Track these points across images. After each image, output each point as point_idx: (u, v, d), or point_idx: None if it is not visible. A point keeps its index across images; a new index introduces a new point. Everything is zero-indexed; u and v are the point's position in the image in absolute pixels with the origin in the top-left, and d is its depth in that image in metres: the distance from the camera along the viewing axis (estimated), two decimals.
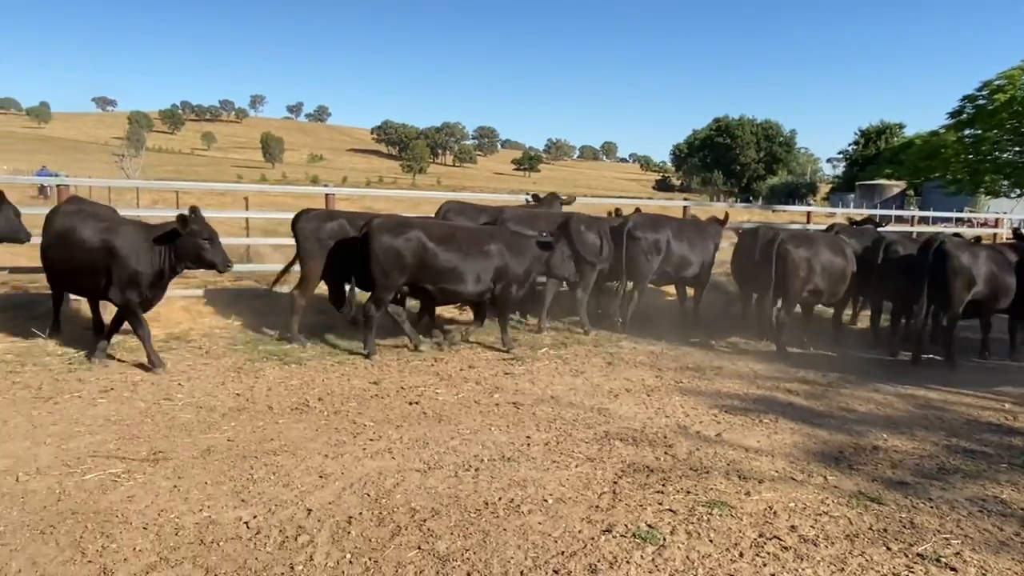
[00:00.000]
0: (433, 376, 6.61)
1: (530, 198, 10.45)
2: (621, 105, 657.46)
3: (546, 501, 4.04)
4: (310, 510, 3.85)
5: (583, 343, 8.15)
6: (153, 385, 5.98)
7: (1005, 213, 31.10)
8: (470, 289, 7.29)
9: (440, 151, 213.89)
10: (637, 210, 9.76)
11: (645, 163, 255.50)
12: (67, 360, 6.55)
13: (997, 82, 25.43)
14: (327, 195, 9.65)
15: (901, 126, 73.29)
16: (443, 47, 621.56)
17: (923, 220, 23.27)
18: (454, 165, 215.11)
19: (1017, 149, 26.69)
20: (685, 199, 18.39)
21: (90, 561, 3.30)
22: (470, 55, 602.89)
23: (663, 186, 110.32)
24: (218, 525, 3.67)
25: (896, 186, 52.98)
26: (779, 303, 7.73)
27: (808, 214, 15.60)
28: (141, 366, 6.45)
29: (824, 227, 10.72)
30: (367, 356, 7.09)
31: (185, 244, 6.30)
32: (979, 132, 26.17)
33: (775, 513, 4.01)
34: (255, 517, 3.75)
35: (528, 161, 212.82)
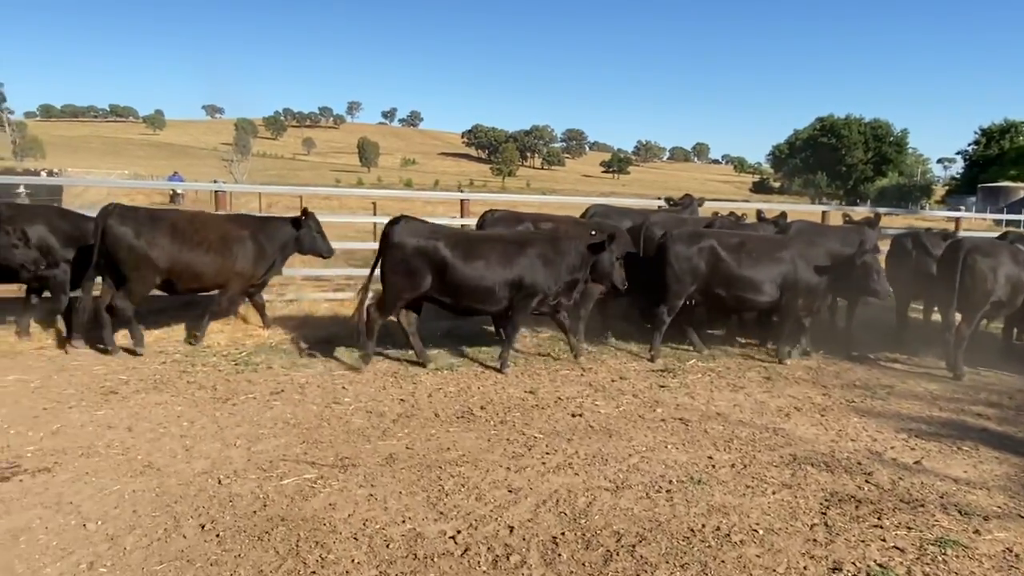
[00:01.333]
0: (586, 387, 6.45)
1: (664, 201, 10.15)
2: (714, 105, 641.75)
3: (756, 531, 3.80)
4: (511, 527, 3.76)
5: (730, 355, 7.80)
6: (319, 388, 6.09)
7: None
8: (763, 298, 7.35)
9: (529, 154, 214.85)
10: (783, 214, 9.27)
11: (739, 165, 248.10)
12: (232, 361, 6.77)
13: None
14: (462, 200, 9.67)
15: None
16: (532, 50, 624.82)
17: None
18: (542, 168, 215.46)
19: None
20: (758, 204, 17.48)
21: (313, 572, 3.30)
22: (559, 58, 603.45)
23: (761, 188, 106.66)
24: (425, 539, 3.62)
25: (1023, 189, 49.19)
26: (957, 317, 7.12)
27: (957, 220, 14.47)
28: (295, 366, 6.60)
29: (997, 235, 9.86)
30: (651, 360, 7.37)
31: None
32: None
33: (1017, 556, 3.62)
34: (459, 532, 3.69)
35: (617, 163, 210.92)
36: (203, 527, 3.65)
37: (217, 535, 3.58)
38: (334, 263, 8.95)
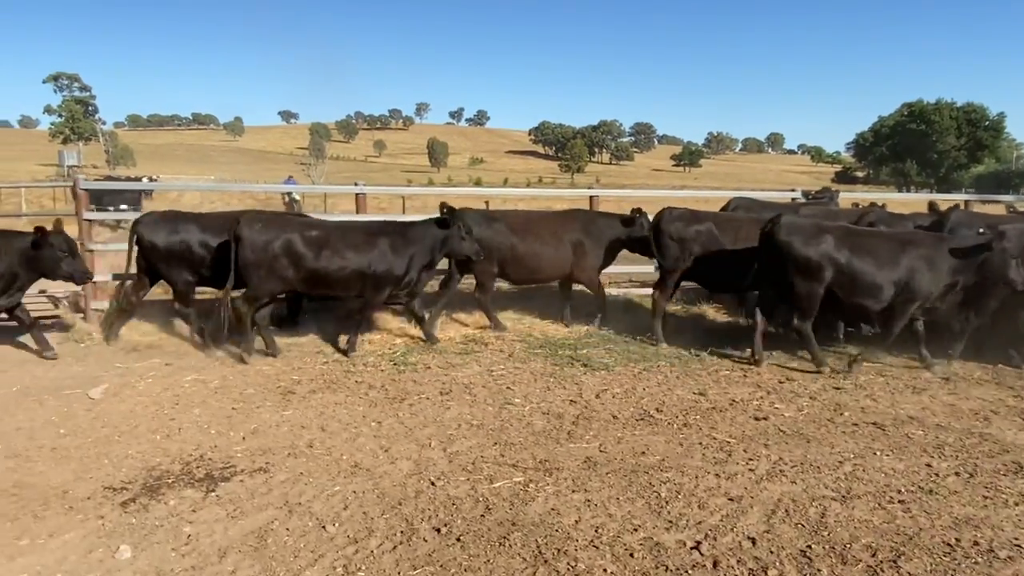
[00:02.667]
0: (755, 388, 6.21)
1: (800, 194, 9.75)
2: (788, 94, 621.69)
3: (1019, 546, 3.51)
4: (752, 539, 3.58)
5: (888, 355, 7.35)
6: (485, 389, 6.05)
7: None
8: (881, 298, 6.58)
9: (596, 149, 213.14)
10: (956, 207, 8.66)
11: (816, 154, 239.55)
12: (390, 361, 6.82)
13: None
14: (591, 197, 9.53)
15: None
16: (597, 45, 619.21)
17: None
18: (610, 163, 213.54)
19: None
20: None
21: None
22: (624, 51, 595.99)
23: (845, 178, 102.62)
24: (665, 549, 3.49)
25: None
26: None
27: None
28: (451, 366, 6.60)
29: None
30: (755, 363, 6.92)
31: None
32: None
33: None
34: (699, 543, 3.54)
35: (688, 156, 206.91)
36: (439, 530, 3.62)
37: (457, 539, 3.54)
38: None
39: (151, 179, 39.04)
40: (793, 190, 10.12)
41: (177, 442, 4.79)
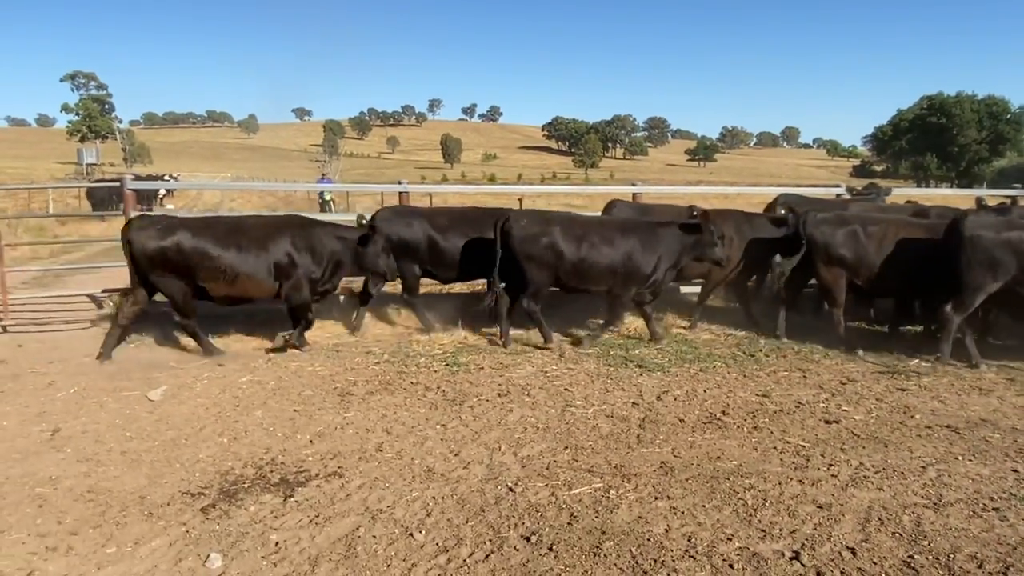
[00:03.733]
0: (818, 389, 6.09)
1: (844, 191, 9.59)
2: (803, 87, 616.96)
3: None
4: (852, 549, 3.48)
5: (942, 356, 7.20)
6: (543, 390, 5.97)
7: None
8: None
9: (610, 144, 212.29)
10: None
11: (832, 148, 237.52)
12: (442, 362, 6.75)
13: None
14: (634, 194, 9.42)
15: None
16: (610, 39, 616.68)
17: None
18: (624, 158, 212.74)
19: None
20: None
21: None
22: (637, 45, 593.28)
23: (863, 172, 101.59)
24: (764, 560, 3.39)
25: None
26: None
27: None
28: (504, 367, 6.53)
29: None
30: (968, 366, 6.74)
31: None
32: None
33: None
34: (797, 554, 3.44)
35: (703, 150, 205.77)
36: (528, 539, 3.55)
37: (550, 548, 3.46)
38: None
39: (172, 177, 39.28)
40: (838, 186, 9.97)
41: (245, 445, 4.74)
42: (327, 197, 26.69)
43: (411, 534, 3.59)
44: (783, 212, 8.04)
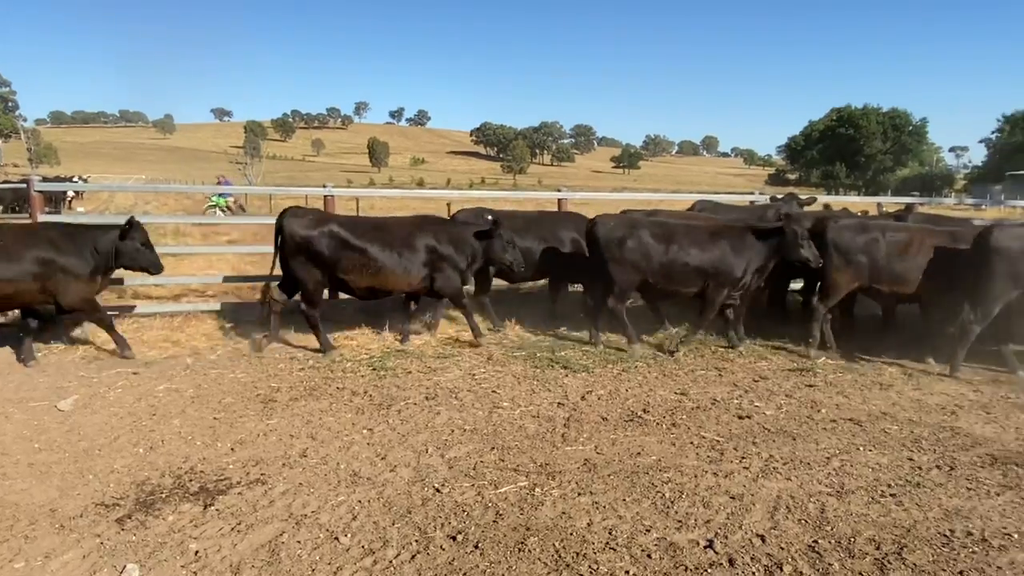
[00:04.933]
0: (732, 387, 6.36)
1: (758, 197, 10.03)
2: (722, 98, 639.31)
3: (1010, 535, 3.71)
4: (761, 536, 3.67)
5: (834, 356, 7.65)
6: (470, 392, 6.02)
7: None
8: None
9: (538, 151, 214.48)
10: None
11: (749, 157, 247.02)
12: (369, 367, 6.72)
13: None
14: (559, 200, 9.59)
15: None
16: (538, 46, 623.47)
17: None
18: (552, 164, 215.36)
19: None
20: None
21: None
22: (565, 52, 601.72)
23: (777, 180, 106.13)
24: (680, 549, 3.54)
25: None
26: None
27: None
28: (432, 370, 6.56)
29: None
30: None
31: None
32: None
33: None
34: (710, 542, 3.61)
35: (627, 158, 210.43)
36: (454, 538, 3.59)
37: (475, 546, 3.51)
38: None
39: (83, 179, 37.34)
40: (751, 193, 10.42)
41: (163, 454, 4.60)
42: (218, 202, 22.90)
43: (336, 538, 3.58)
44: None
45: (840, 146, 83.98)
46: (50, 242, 6.44)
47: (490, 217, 7.79)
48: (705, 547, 3.57)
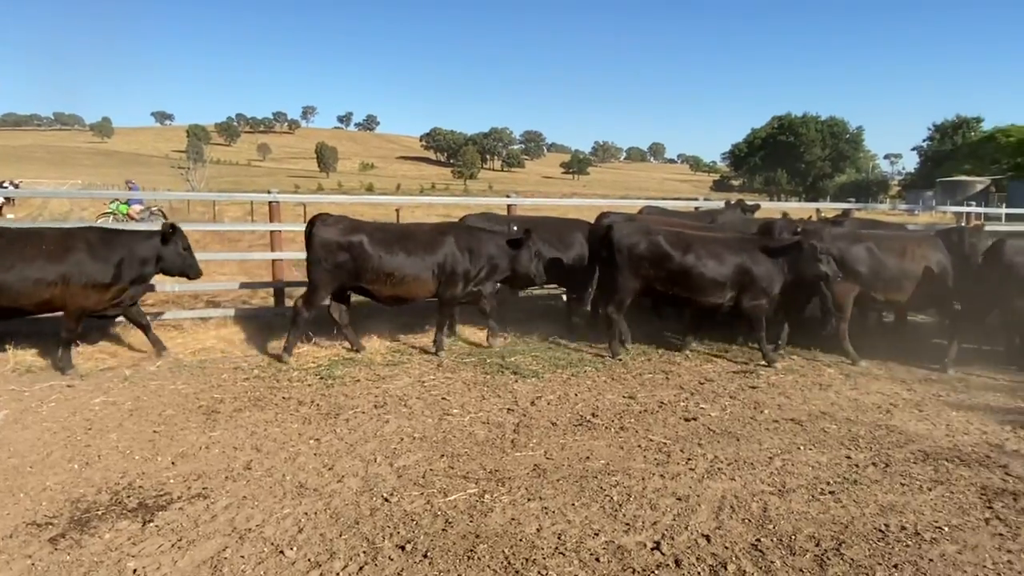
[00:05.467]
0: (679, 389, 6.48)
1: (702, 203, 10.23)
2: (668, 105, 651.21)
3: (941, 528, 3.86)
4: (707, 536, 3.75)
5: (790, 355, 7.87)
6: (420, 400, 5.99)
7: None
8: None
9: (488, 156, 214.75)
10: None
11: (695, 163, 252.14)
12: (317, 375, 6.62)
13: None
14: (508, 206, 9.61)
15: (979, 120, 70.66)
16: (487, 52, 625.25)
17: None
18: (502, 170, 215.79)
19: None
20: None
21: None
22: (514, 58, 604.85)
23: (722, 186, 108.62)
24: (628, 551, 3.58)
25: (979, 182, 50.96)
26: None
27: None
28: (380, 378, 6.50)
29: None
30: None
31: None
32: None
33: None
34: (657, 544, 3.66)
35: (576, 164, 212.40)
36: (404, 548, 3.56)
37: (424, 555, 3.49)
38: None
39: (13, 184, 35.78)
40: (695, 199, 10.66)
41: (99, 470, 4.44)
42: (115, 209, 19.71)
43: (281, 551, 3.51)
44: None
45: (781, 153, 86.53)
46: (88, 246, 6.52)
47: (515, 227, 7.86)
48: (652, 549, 3.62)
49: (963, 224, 11.49)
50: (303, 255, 7.78)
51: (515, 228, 7.87)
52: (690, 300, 7.52)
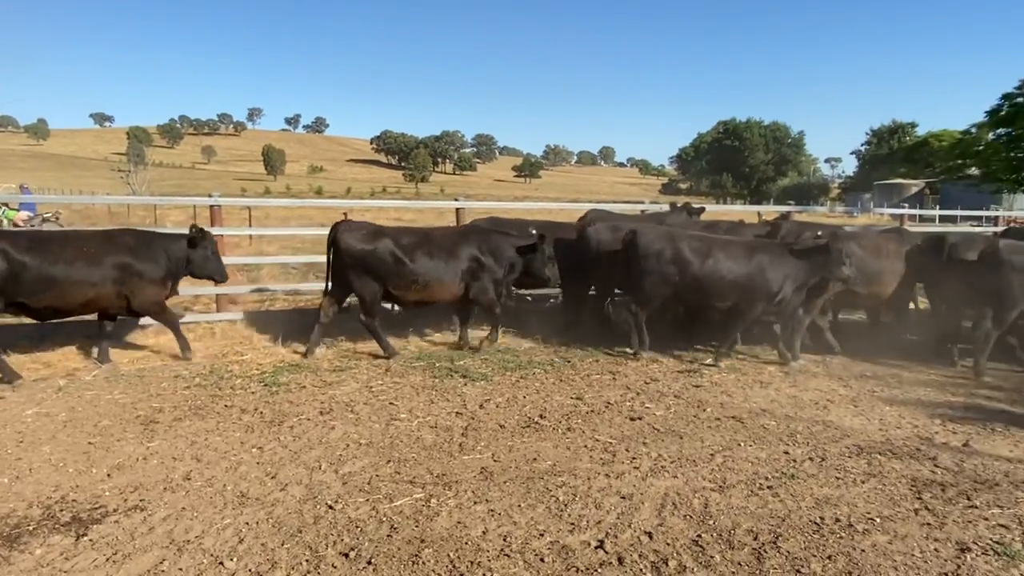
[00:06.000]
0: (625, 390, 6.57)
1: (648, 206, 10.40)
2: (618, 109, 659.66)
3: (872, 519, 4.00)
4: (649, 533, 3.81)
5: (733, 355, 8.05)
6: (367, 405, 5.94)
7: None
8: None
9: (440, 159, 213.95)
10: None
11: (644, 167, 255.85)
12: (260, 383, 6.50)
13: None
14: (457, 209, 9.61)
15: (914, 125, 73.57)
16: (439, 55, 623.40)
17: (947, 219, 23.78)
18: (454, 173, 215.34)
19: None
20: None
21: None
22: (466, 62, 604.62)
23: (670, 190, 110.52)
24: (572, 551, 3.62)
25: (915, 185, 53.12)
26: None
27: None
28: (327, 384, 6.43)
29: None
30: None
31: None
32: (1019, 130, 26.21)
33: None
34: (601, 542, 3.71)
35: (528, 167, 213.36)
36: (347, 555, 3.52)
37: (368, 561, 3.46)
38: None
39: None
40: (642, 202, 10.83)
41: (30, 484, 4.28)
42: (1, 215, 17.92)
43: (221, 563, 3.44)
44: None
45: (726, 157, 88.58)
46: (129, 248, 6.79)
47: (534, 231, 7.95)
48: (596, 548, 3.66)
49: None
50: (248, 260, 7.65)
51: (533, 232, 7.96)
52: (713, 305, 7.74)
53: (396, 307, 8.38)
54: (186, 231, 7.22)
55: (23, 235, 6.78)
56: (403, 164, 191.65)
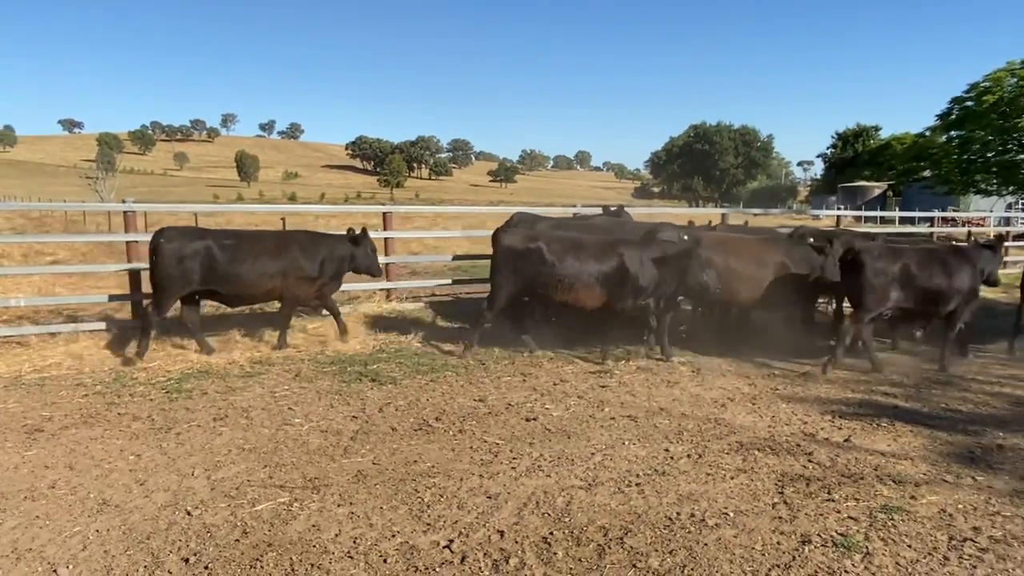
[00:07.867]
0: (531, 391, 6.61)
1: (580, 209, 10.49)
2: (594, 114, 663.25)
3: (726, 514, 4.07)
4: (501, 532, 3.84)
5: (652, 356, 8.13)
6: (264, 411, 5.91)
7: (990, 212, 32.08)
8: None
9: (415, 165, 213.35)
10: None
11: (619, 171, 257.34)
12: (162, 389, 6.45)
13: (984, 84, 26.02)
14: (384, 213, 9.59)
15: (877, 128, 74.84)
16: (415, 60, 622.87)
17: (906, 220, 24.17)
18: (430, 178, 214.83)
19: (1003, 148, 27.29)
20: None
21: None
22: (441, 67, 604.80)
23: (643, 193, 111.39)
24: (419, 551, 3.64)
25: (877, 187, 54.00)
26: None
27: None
28: (231, 390, 6.39)
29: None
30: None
31: None
32: (968, 133, 26.68)
33: (950, 515, 4.07)
34: (451, 541, 3.73)
35: (504, 172, 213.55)
36: (187, 560, 3.51)
37: (205, 567, 3.45)
38: None
39: None
40: (574, 205, 10.91)
41: None
42: None
43: (55, 571, 3.41)
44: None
45: (697, 160, 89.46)
46: (300, 247, 7.79)
47: (685, 236, 8.04)
48: (444, 547, 3.68)
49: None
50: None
51: (684, 237, 8.00)
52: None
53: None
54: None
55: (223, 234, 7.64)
56: (378, 170, 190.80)
